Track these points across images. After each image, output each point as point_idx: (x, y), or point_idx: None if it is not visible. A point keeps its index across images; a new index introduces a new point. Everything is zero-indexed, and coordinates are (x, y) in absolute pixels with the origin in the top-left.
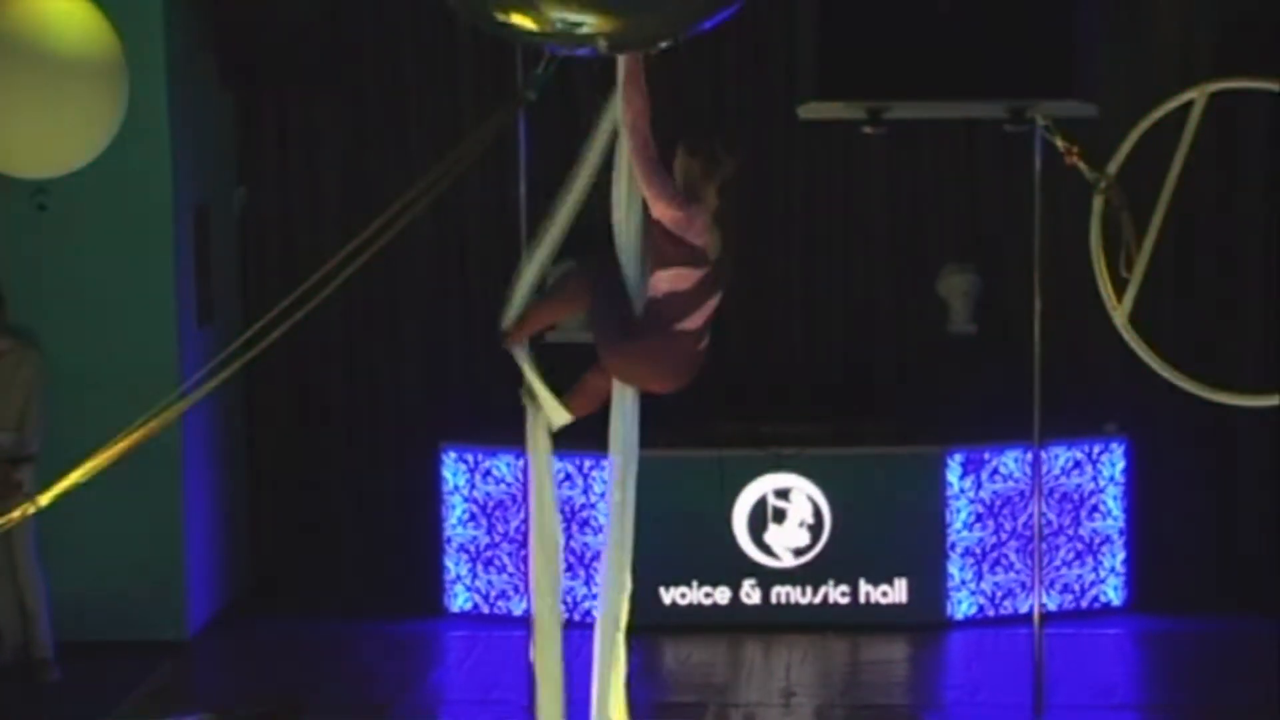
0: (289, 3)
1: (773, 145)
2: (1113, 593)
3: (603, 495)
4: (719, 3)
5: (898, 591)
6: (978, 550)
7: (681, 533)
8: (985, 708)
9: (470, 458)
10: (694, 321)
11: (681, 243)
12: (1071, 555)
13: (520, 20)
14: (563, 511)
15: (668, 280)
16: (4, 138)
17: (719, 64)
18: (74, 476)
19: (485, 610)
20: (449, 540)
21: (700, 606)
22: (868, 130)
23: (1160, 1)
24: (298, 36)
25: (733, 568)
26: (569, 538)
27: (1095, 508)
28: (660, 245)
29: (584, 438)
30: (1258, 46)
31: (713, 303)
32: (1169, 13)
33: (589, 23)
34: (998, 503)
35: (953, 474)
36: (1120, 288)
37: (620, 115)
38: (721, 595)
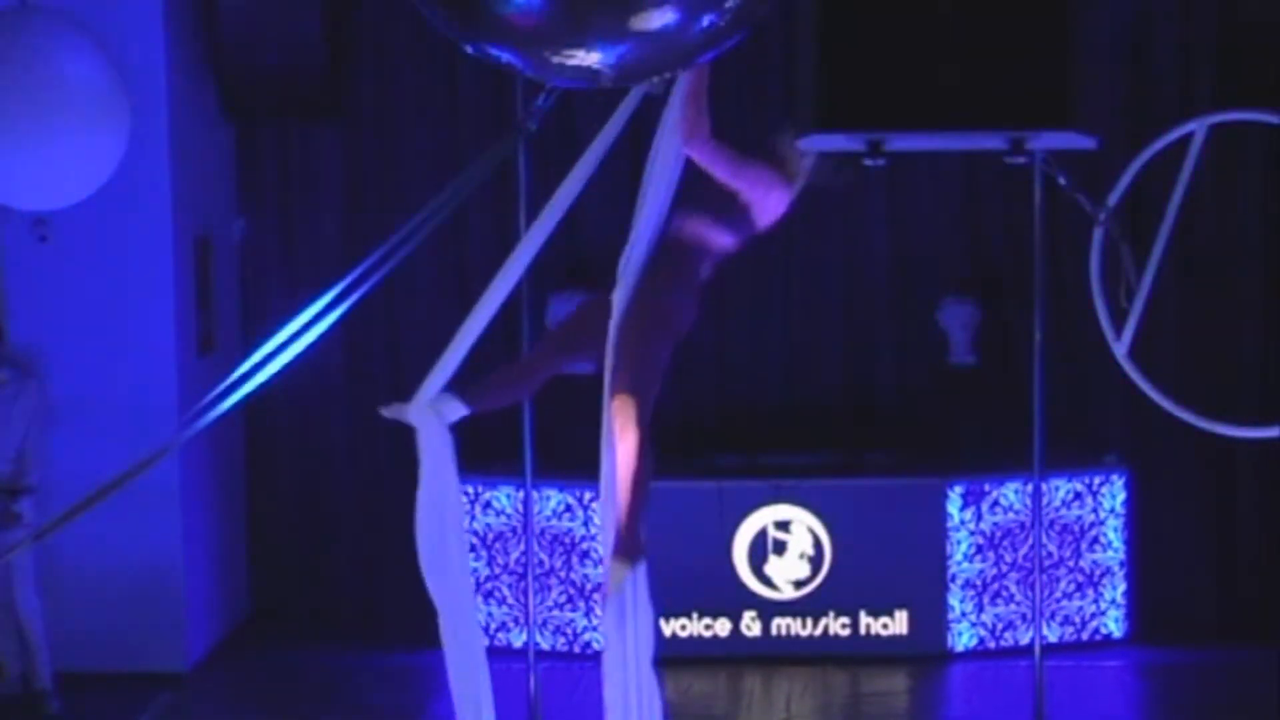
0: (289, 35)
1: None
2: (1113, 625)
3: (602, 527)
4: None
5: (898, 623)
6: (978, 582)
7: (682, 564)
8: None
9: (470, 489)
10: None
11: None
12: (1072, 587)
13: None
14: (562, 543)
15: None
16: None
17: (718, 96)
18: (73, 510)
19: (485, 642)
20: None
21: (700, 638)
22: (868, 162)
23: (1160, 33)
24: (297, 68)
25: (733, 599)
26: (568, 570)
27: (1096, 539)
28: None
29: (583, 467)
30: (1257, 78)
31: None
32: (1168, 44)
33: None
34: (998, 534)
35: (953, 505)
36: (1120, 319)
37: (681, 132)
38: (722, 627)
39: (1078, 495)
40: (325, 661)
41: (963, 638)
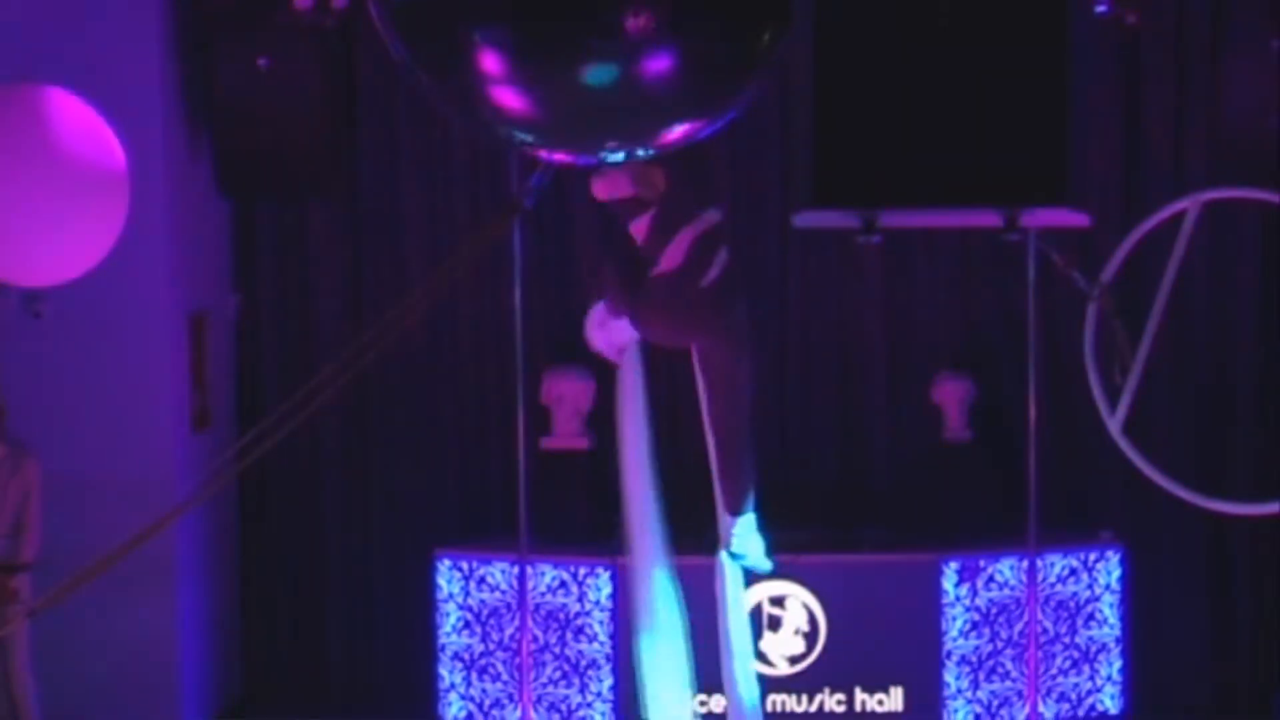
0: (286, 110)
1: (767, 254)
2: (1109, 701)
3: (597, 603)
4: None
5: (893, 700)
6: (974, 658)
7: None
8: None
9: (465, 565)
10: (670, 260)
11: (618, 203)
12: (1068, 663)
13: None
14: (557, 619)
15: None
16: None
17: (714, 173)
18: (68, 586)
19: (479, 719)
20: (443, 648)
21: (696, 715)
22: (862, 239)
23: (1153, 110)
24: (295, 144)
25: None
26: (562, 646)
27: (1091, 616)
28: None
29: (579, 543)
30: (1250, 155)
31: (683, 235)
32: (1162, 121)
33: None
34: (994, 610)
35: (948, 581)
36: (1115, 395)
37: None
38: (716, 703)
39: (1073, 571)
40: None
41: (958, 714)
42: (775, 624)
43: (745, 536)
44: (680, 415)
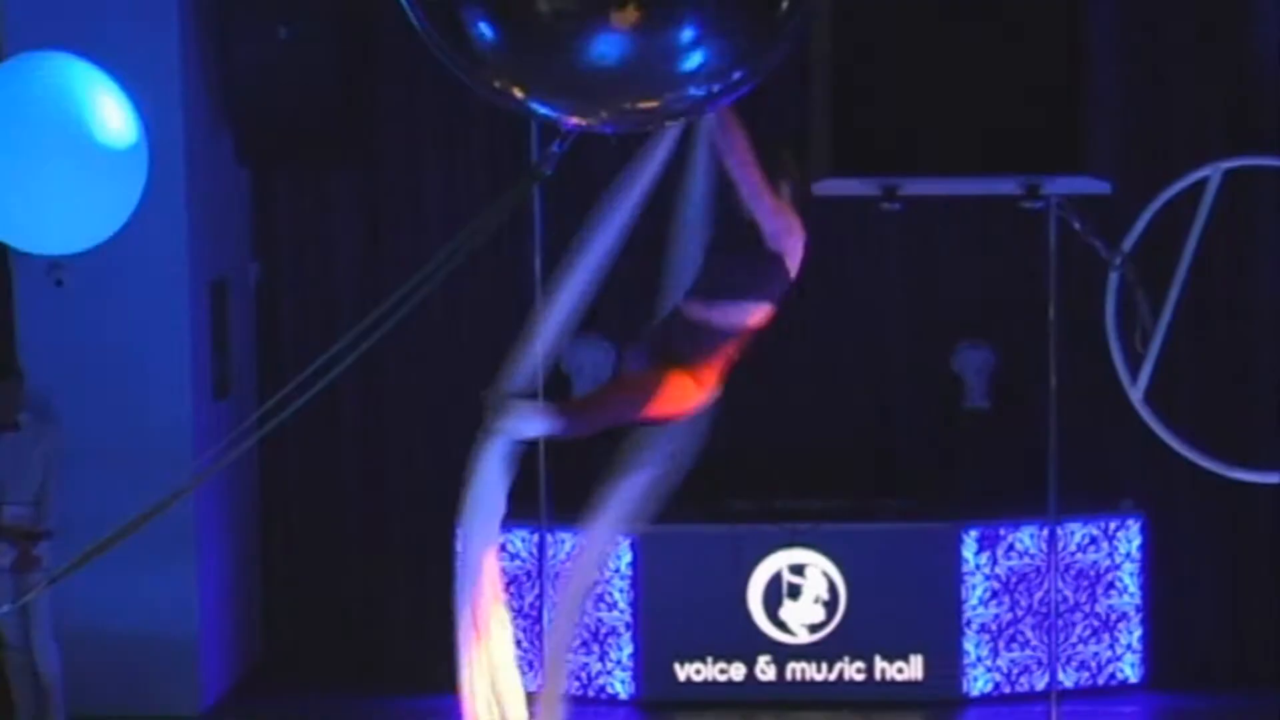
0: (305, 78)
1: None
2: (1129, 670)
3: (617, 571)
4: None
5: (913, 668)
6: (994, 626)
7: (696, 608)
8: None
9: None
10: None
11: (785, 278)
12: (1088, 632)
13: None
14: None
15: (760, 316)
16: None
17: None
18: (89, 553)
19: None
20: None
21: (715, 683)
22: (884, 206)
23: (1173, 77)
24: (313, 112)
25: (748, 644)
26: (582, 613)
27: (1111, 584)
28: (767, 281)
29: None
30: (1271, 123)
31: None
32: (1182, 89)
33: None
34: (1013, 579)
35: (968, 550)
36: (1136, 363)
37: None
38: (737, 671)
39: (1093, 540)
40: (340, 706)
41: (978, 683)
42: (795, 592)
43: None
44: None
